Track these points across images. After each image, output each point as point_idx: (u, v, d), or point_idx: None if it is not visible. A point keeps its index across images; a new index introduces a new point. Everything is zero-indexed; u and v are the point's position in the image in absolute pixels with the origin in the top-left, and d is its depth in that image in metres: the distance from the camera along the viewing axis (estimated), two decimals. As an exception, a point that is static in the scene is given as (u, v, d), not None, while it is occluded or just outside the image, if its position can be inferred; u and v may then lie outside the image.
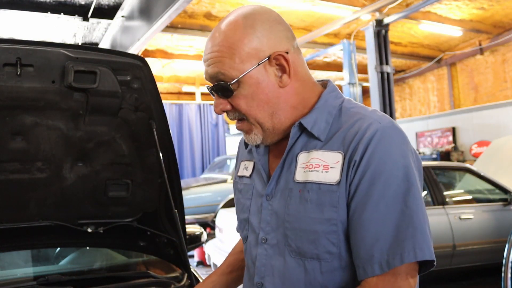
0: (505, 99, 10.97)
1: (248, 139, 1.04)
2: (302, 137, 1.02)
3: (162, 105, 1.73)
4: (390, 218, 0.87)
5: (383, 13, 8.11)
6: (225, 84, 0.98)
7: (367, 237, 0.89)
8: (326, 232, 0.93)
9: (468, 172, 5.25)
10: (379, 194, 0.88)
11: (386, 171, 0.89)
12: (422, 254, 0.86)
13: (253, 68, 0.97)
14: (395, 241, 0.87)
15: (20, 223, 1.78)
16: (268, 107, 1.00)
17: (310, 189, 0.95)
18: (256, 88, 0.98)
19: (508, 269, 2.86)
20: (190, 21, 8.88)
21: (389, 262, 0.86)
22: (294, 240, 0.97)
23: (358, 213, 0.90)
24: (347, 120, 0.99)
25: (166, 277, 1.94)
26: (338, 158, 0.94)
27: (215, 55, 0.98)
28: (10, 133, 1.61)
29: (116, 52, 1.62)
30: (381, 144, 0.90)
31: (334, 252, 0.93)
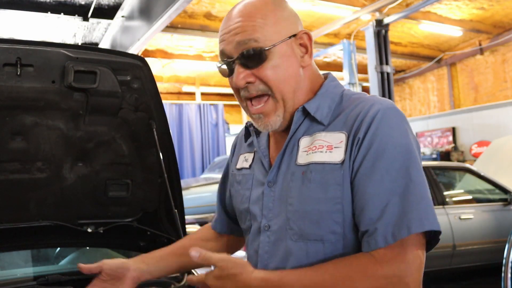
0: (505, 99, 10.97)
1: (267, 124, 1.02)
2: (304, 122, 1.03)
3: (162, 105, 1.73)
4: (396, 191, 0.89)
5: (383, 13, 8.11)
6: (259, 50, 0.97)
7: (372, 211, 0.89)
8: (330, 211, 0.93)
9: (468, 172, 5.25)
10: (383, 169, 0.90)
11: (389, 147, 0.91)
12: (429, 224, 0.87)
13: (284, 40, 0.99)
14: (400, 214, 0.87)
15: (20, 223, 1.78)
16: (294, 83, 1.01)
17: (313, 170, 0.96)
18: (285, 60, 0.99)
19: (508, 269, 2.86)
20: (190, 21, 8.88)
21: (394, 234, 0.86)
22: (296, 222, 0.96)
23: (363, 188, 0.91)
24: (348, 105, 1.01)
25: (166, 277, 1.94)
26: (341, 138, 0.96)
27: (247, 24, 0.97)
28: (10, 133, 1.61)
29: (116, 52, 1.62)
30: (384, 122, 0.93)
31: (339, 232, 0.94)
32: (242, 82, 0.99)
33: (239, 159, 1.20)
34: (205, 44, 10.37)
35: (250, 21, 0.98)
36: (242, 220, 1.15)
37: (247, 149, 1.18)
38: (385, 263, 0.86)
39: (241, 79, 0.99)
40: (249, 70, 0.99)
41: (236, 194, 1.17)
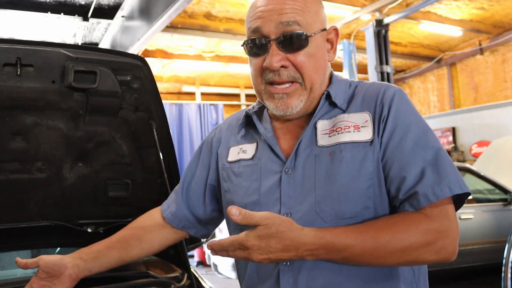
0: (505, 99, 10.96)
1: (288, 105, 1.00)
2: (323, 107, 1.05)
3: (162, 105, 1.73)
4: (427, 158, 0.94)
5: (383, 13, 8.11)
6: (301, 34, 0.96)
7: (409, 177, 0.93)
8: (364, 187, 0.95)
9: (468, 172, 5.25)
10: (412, 140, 0.95)
11: (413, 122, 0.97)
12: (465, 187, 0.94)
13: (322, 30, 1.01)
14: (438, 176, 0.93)
15: (20, 223, 1.78)
16: (322, 74, 1.03)
17: (343, 149, 0.97)
18: (319, 50, 1.02)
19: (508, 269, 2.86)
20: (190, 21, 8.88)
21: (436, 193, 0.91)
22: (329, 204, 0.95)
23: (398, 159, 0.94)
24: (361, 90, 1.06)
25: (166, 277, 1.94)
26: (366, 117, 0.99)
27: (291, 6, 0.96)
28: (10, 133, 1.61)
29: (116, 52, 1.62)
30: (402, 102, 0.99)
31: (371, 206, 0.96)
32: (278, 65, 0.97)
33: (231, 152, 1.15)
34: (205, 44, 10.36)
35: (296, 3, 0.96)
36: None
37: (242, 140, 1.14)
38: (435, 218, 0.91)
39: (277, 61, 0.96)
40: (284, 54, 0.97)
41: (235, 188, 1.11)
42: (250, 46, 1.00)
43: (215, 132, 1.24)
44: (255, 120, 1.11)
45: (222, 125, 1.24)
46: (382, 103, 0.99)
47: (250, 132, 1.13)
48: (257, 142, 1.11)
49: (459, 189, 0.92)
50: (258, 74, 1.01)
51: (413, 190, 0.92)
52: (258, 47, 0.99)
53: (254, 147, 1.11)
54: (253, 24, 0.98)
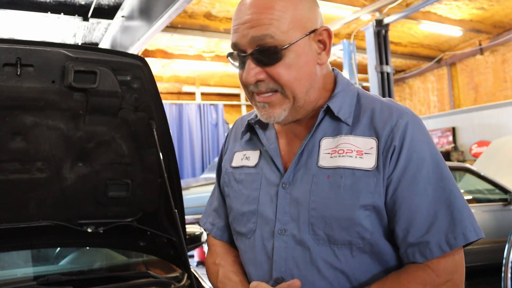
0: (505, 99, 10.96)
1: (270, 114, 0.97)
2: (325, 121, 0.99)
3: (162, 105, 1.73)
4: (441, 200, 0.90)
5: (383, 13, 8.11)
6: (274, 48, 0.91)
7: (421, 221, 0.89)
8: (361, 218, 0.91)
9: (468, 172, 5.25)
10: (426, 179, 0.91)
11: (427, 158, 0.92)
12: (480, 232, 0.90)
13: (302, 37, 0.93)
14: (452, 222, 0.89)
15: (20, 223, 1.78)
16: (307, 82, 0.96)
17: (343, 175, 0.93)
18: (301, 59, 0.94)
19: (508, 269, 2.86)
20: (190, 21, 8.88)
21: (450, 242, 0.88)
22: (322, 228, 0.93)
23: (408, 199, 0.90)
24: (368, 105, 0.99)
25: (166, 277, 1.94)
26: (372, 144, 0.93)
27: (264, 17, 0.90)
28: (10, 133, 1.61)
29: (116, 52, 1.62)
30: (417, 133, 0.93)
31: (367, 237, 0.92)
32: (253, 79, 0.94)
33: (235, 157, 1.13)
34: (205, 44, 10.37)
35: (267, 13, 0.90)
36: (241, 222, 1.07)
37: (246, 146, 1.12)
38: (440, 271, 0.89)
39: (252, 76, 0.94)
40: (261, 67, 0.93)
41: (235, 194, 1.10)
42: (231, 59, 0.99)
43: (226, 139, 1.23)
44: (257, 129, 1.08)
45: (230, 131, 1.22)
46: (392, 131, 0.92)
47: (254, 139, 1.11)
48: (260, 150, 1.08)
49: (474, 235, 0.89)
50: (244, 85, 0.99)
51: (424, 238, 0.89)
52: (238, 60, 0.97)
53: (257, 155, 1.08)
54: (232, 38, 0.96)
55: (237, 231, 1.09)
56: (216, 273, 1.13)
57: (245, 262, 1.08)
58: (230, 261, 1.14)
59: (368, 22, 8.38)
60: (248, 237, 1.05)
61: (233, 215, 1.11)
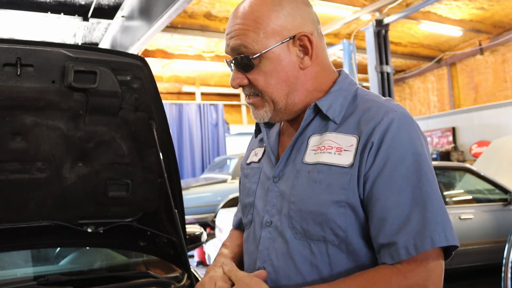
0: (505, 99, 10.96)
1: (256, 115, 1.05)
2: (315, 119, 1.02)
3: (162, 105, 1.73)
4: (416, 202, 0.88)
5: (383, 13, 8.11)
6: (246, 57, 0.98)
7: (392, 222, 0.88)
8: (333, 214, 0.92)
9: (468, 172, 5.25)
10: (403, 179, 0.89)
11: (408, 157, 0.90)
12: (452, 239, 0.88)
13: (276, 45, 0.98)
14: (422, 225, 0.87)
15: (20, 223, 1.78)
16: (286, 87, 1.01)
17: (320, 170, 0.95)
18: (277, 65, 0.99)
19: (508, 269, 2.86)
20: (190, 21, 8.88)
21: (417, 246, 0.86)
22: (299, 222, 0.96)
23: (383, 198, 0.90)
24: (361, 106, 1.00)
25: (166, 277, 1.94)
26: (352, 141, 0.95)
27: (238, 27, 0.98)
28: (10, 133, 1.61)
29: (116, 52, 1.62)
30: (400, 131, 0.92)
31: (341, 235, 0.93)
32: (235, 84, 1.03)
33: (250, 154, 1.21)
34: (205, 44, 10.37)
35: (242, 25, 0.98)
36: (245, 214, 1.14)
37: (258, 144, 1.19)
38: (409, 274, 0.87)
39: (234, 81, 1.02)
40: (243, 74, 1.01)
41: (243, 188, 1.18)
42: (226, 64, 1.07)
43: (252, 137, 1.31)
44: (262, 127, 1.15)
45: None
46: (373, 129, 0.92)
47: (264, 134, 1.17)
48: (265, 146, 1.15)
49: (444, 241, 0.87)
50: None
51: (394, 238, 0.87)
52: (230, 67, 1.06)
53: (262, 151, 1.15)
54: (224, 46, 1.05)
55: (243, 223, 1.17)
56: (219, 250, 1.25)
57: (244, 251, 1.14)
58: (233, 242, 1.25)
59: (368, 22, 8.39)
60: (247, 228, 1.12)
61: (241, 206, 1.19)
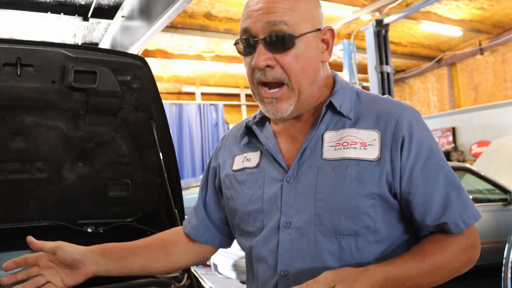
0: (505, 99, 10.96)
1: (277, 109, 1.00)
2: (326, 116, 1.03)
3: (162, 105, 1.73)
4: (451, 184, 0.98)
5: (383, 13, 8.11)
6: (288, 35, 0.95)
7: (436, 205, 0.96)
8: (366, 206, 0.95)
9: (468, 172, 5.25)
10: (436, 166, 0.98)
11: (434, 147, 0.99)
12: (479, 213, 1.01)
13: (312, 31, 0.98)
14: (464, 204, 0.98)
15: (20, 223, 1.78)
16: (313, 75, 1.01)
17: (348, 165, 0.96)
18: (309, 51, 0.98)
19: (508, 269, 2.86)
20: (190, 21, 8.88)
21: (465, 221, 0.97)
22: (329, 219, 0.96)
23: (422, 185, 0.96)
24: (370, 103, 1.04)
25: (166, 277, 1.94)
26: (374, 136, 0.98)
27: (279, 5, 0.95)
28: (10, 133, 1.61)
29: (116, 52, 1.62)
30: (421, 124, 1.00)
31: (371, 226, 0.96)
32: (263, 64, 0.96)
33: (235, 161, 1.14)
34: (205, 44, 10.37)
35: (282, 3, 0.95)
36: (248, 222, 1.07)
37: (246, 149, 1.13)
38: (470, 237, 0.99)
39: (262, 60, 0.96)
40: (271, 53, 0.96)
41: (238, 195, 1.10)
42: (240, 46, 1.01)
43: (222, 142, 1.25)
44: (255, 130, 1.10)
45: (228, 135, 1.25)
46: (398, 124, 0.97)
47: (253, 141, 1.13)
48: (261, 150, 1.10)
49: (479, 216, 1.00)
50: (250, 73, 1.01)
51: (442, 219, 0.96)
52: (247, 46, 0.99)
53: (258, 155, 1.10)
54: (243, 24, 0.99)
55: (245, 231, 1.10)
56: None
57: (253, 259, 1.08)
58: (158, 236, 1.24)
59: (368, 22, 8.39)
60: (255, 235, 1.06)
61: (239, 216, 1.11)
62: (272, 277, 1.01)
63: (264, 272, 1.04)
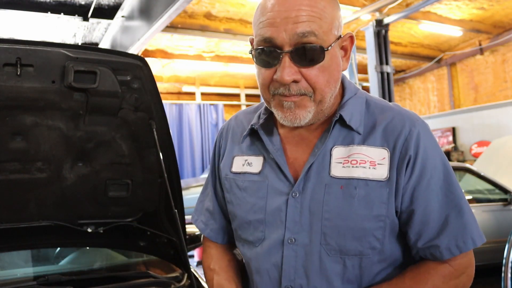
0: (505, 99, 10.96)
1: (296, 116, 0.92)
2: (335, 129, 0.98)
3: (162, 105, 1.73)
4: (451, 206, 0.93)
5: (383, 13, 8.11)
6: (319, 48, 0.87)
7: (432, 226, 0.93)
8: (373, 228, 0.93)
9: (468, 172, 5.24)
10: (438, 186, 0.94)
11: (438, 165, 0.95)
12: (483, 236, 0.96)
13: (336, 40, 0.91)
14: (463, 227, 0.93)
15: (20, 223, 1.78)
16: (334, 86, 0.95)
17: (357, 186, 0.93)
18: (333, 62, 0.92)
19: (508, 269, 2.86)
20: (190, 21, 8.88)
21: (459, 246, 0.93)
22: (335, 239, 0.93)
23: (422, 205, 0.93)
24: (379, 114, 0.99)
25: (166, 277, 1.94)
26: (384, 154, 0.94)
27: (308, 13, 0.85)
28: (10, 133, 1.61)
29: (116, 52, 1.62)
30: (428, 140, 0.96)
31: (378, 247, 0.94)
32: (290, 79, 0.88)
33: (235, 162, 1.09)
34: (205, 44, 10.36)
35: (311, 11, 0.86)
36: (248, 231, 1.05)
37: (248, 152, 1.08)
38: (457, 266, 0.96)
39: (290, 75, 0.88)
40: (298, 67, 0.88)
41: (239, 201, 1.06)
42: (259, 55, 0.91)
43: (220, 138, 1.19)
44: (262, 135, 1.04)
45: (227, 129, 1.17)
46: (407, 142, 0.93)
47: (256, 143, 1.07)
48: (264, 156, 1.04)
49: (480, 240, 0.95)
50: (266, 85, 0.93)
51: (435, 242, 0.93)
52: (268, 57, 0.90)
53: (261, 161, 1.04)
54: (265, 33, 0.88)
55: (243, 239, 1.08)
56: (212, 279, 1.13)
57: (251, 270, 1.06)
58: (224, 266, 1.14)
59: (368, 22, 8.38)
60: (256, 246, 1.03)
61: (237, 222, 1.08)
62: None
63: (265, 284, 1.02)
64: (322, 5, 0.88)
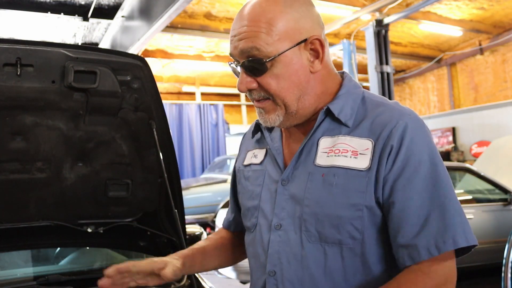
0: (505, 99, 10.96)
1: (266, 120, 1.02)
2: (325, 122, 1.01)
3: (162, 105, 1.73)
4: (435, 204, 0.91)
5: (383, 13, 8.11)
6: (259, 60, 0.95)
7: (412, 223, 0.90)
8: (351, 217, 0.93)
9: (468, 172, 5.25)
10: (422, 182, 0.91)
11: (425, 161, 0.93)
12: (472, 239, 0.92)
13: (290, 48, 0.95)
14: (444, 227, 0.90)
15: (20, 223, 1.78)
16: (297, 90, 0.99)
17: (336, 174, 0.95)
18: (289, 69, 0.97)
19: (508, 269, 2.86)
20: (190, 21, 8.88)
21: (438, 246, 0.89)
22: (314, 225, 0.96)
23: (402, 200, 0.91)
24: (372, 109, 1.00)
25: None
26: (367, 145, 0.95)
27: (250, 29, 0.94)
28: (10, 133, 1.61)
29: (116, 52, 1.62)
30: (417, 134, 0.94)
31: (357, 237, 0.94)
32: (244, 88, 0.99)
33: (247, 156, 1.18)
34: (205, 44, 10.37)
35: (254, 26, 0.94)
36: (247, 217, 1.12)
37: (256, 145, 1.16)
38: (432, 273, 0.90)
39: (243, 85, 0.99)
40: (252, 77, 0.98)
41: (243, 190, 1.15)
42: (233, 68, 1.03)
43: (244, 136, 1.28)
44: (263, 128, 1.13)
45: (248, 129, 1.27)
46: (390, 133, 0.93)
47: (262, 138, 1.15)
48: (267, 148, 1.12)
49: (464, 241, 0.91)
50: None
51: (413, 241, 0.90)
52: (235, 69, 1.02)
53: (264, 153, 1.12)
54: (229, 49, 1.01)
55: (245, 226, 1.15)
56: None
57: (248, 255, 1.13)
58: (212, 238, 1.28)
59: (368, 22, 8.38)
60: (251, 231, 1.10)
61: (242, 210, 1.17)
62: (261, 275, 1.04)
63: (256, 268, 1.07)
64: (269, 17, 0.94)
